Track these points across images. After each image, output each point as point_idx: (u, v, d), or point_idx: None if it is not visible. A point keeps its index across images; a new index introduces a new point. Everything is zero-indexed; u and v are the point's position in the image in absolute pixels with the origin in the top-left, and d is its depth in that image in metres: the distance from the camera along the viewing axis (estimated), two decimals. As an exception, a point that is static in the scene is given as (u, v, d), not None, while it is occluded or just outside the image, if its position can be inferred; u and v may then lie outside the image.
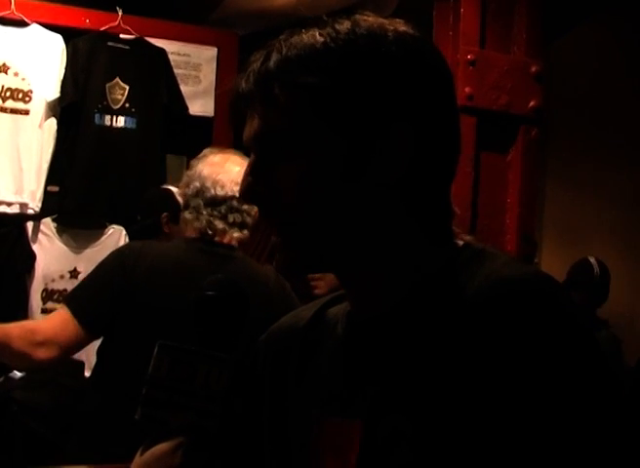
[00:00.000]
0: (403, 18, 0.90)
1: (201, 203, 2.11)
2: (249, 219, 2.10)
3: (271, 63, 0.85)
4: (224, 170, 2.15)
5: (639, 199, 4.68)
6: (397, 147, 0.83)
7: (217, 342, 0.91)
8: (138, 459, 0.92)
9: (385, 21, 0.87)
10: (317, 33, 0.85)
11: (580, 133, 4.79)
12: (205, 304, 0.94)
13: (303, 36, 0.85)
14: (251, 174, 0.87)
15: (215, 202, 2.10)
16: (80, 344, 2.12)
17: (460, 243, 0.90)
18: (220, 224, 2.08)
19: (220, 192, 2.11)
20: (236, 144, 3.23)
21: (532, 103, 2.43)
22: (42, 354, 2.04)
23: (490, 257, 0.86)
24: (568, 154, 4.83)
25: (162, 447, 0.89)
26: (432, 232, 0.88)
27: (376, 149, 0.83)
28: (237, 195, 1.82)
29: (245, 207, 2.08)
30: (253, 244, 2.36)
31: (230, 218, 2.08)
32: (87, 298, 2.12)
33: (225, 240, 2.11)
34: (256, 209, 2.13)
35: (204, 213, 2.10)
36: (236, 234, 2.10)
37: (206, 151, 2.24)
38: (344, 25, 0.85)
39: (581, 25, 4.30)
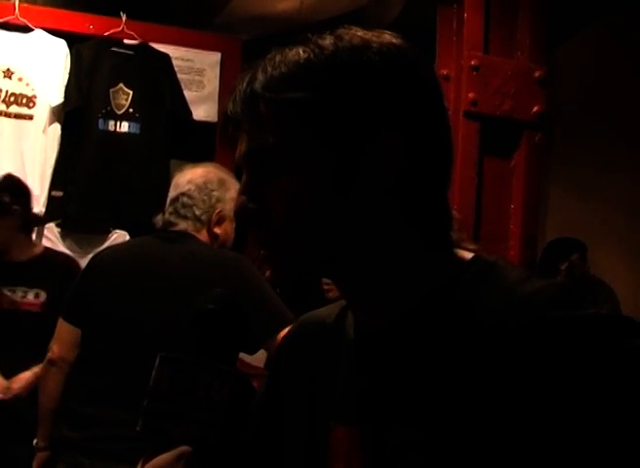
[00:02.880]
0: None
1: (166, 205, 2.50)
2: (197, 211, 2.43)
3: (256, 83, 0.86)
4: (184, 173, 2.51)
5: (643, 203, 4.68)
6: (386, 155, 0.83)
7: (217, 354, 0.92)
8: None
9: (370, 34, 0.87)
10: (301, 50, 0.86)
11: (583, 137, 4.79)
12: (205, 318, 0.95)
13: (287, 54, 0.86)
14: (244, 192, 0.89)
15: (172, 201, 2.46)
16: (76, 338, 2.43)
17: (469, 254, 0.89)
18: (172, 218, 2.44)
19: (174, 192, 2.47)
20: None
21: (535, 108, 2.43)
22: (56, 350, 2.45)
23: (501, 271, 0.85)
24: (572, 158, 4.82)
25: (164, 457, 0.89)
26: (432, 240, 0.87)
27: (364, 159, 0.83)
28: (185, 191, 2.41)
29: (193, 201, 2.43)
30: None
31: (182, 212, 2.43)
32: (68, 301, 2.52)
33: (177, 229, 2.44)
34: (204, 200, 2.41)
35: (165, 211, 2.48)
36: (184, 224, 2.43)
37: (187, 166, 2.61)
38: (327, 41, 0.86)
39: (587, 28, 4.30)
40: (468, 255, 0.89)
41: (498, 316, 0.79)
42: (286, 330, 1.21)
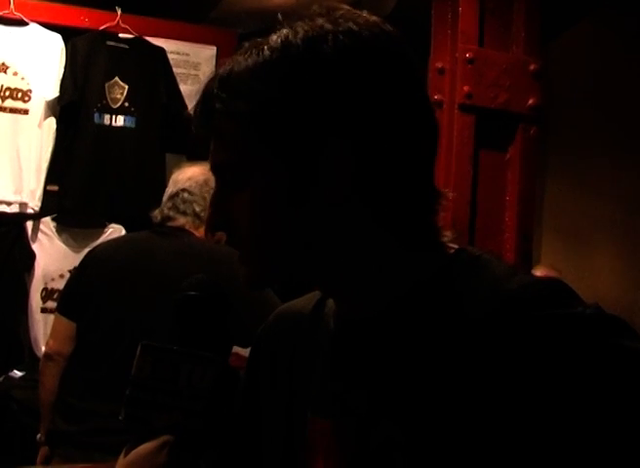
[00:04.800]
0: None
1: (164, 200, 2.53)
2: (197, 208, 2.46)
3: (213, 97, 0.85)
4: (184, 170, 2.55)
5: None
6: (336, 164, 0.82)
7: (199, 341, 0.91)
8: (122, 460, 0.92)
9: (335, 19, 0.85)
10: (247, 54, 0.84)
11: (580, 130, 4.78)
12: (186, 304, 0.95)
13: (240, 59, 0.85)
14: (211, 204, 0.89)
15: (170, 196, 2.50)
16: (72, 332, 2.46)
17: (454, 247, 0.88)
18: (171, 213, 2.47)
19: (173, 188, 2.51)
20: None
21: (530, 101, 2.43)
22: (52, 344, 2.50)
23: (487, 265, 0.85)
24: (569, 151, 4.82)
25: (147, 446, 0.90)
26: (409, 236, 0.86)
27: (316, 170, 0.82)
28: (186, 187, 2.45)
29: (193, 197, 2.46)
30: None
31: (181, 208, 2.46)
32: (64, 294, 2.63)
33: (174, 224, 2.47)
34: (205, 197, 2.38)
35: (164, 206, 2.51)
36: (182, 220, 2.46)
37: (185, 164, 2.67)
38: (277, 42, 0.84)
39: (582, 21, 4.29)
40: (453, 248, 0.89)
41: (484, 310, 0.79)
42: None
